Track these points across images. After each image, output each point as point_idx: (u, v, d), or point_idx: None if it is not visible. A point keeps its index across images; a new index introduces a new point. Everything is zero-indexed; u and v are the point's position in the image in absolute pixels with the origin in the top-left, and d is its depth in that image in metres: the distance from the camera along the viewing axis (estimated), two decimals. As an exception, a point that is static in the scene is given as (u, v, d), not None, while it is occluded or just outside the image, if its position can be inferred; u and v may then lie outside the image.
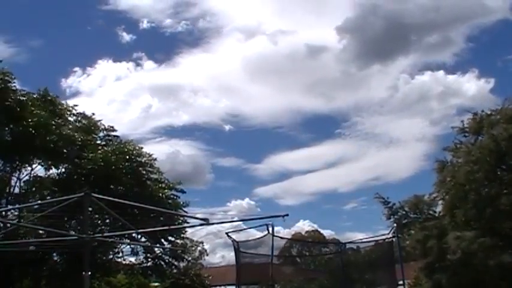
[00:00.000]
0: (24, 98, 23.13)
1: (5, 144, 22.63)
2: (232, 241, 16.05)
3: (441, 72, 64.46)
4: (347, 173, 66.86)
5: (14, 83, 23.50)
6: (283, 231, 46.86)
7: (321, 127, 73.99)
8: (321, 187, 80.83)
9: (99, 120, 26.62)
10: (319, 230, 55.66)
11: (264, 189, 68.56)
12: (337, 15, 66.91)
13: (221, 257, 47.90)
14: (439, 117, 56.63)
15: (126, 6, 69.66)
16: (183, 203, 26.92)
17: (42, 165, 25.07)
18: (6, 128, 22.99)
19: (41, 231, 21.04)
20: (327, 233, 54.24)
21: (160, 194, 25.59)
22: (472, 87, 58.84)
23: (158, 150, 51.51)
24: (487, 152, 20.48)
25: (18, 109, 22.31)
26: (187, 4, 72.55)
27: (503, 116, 21.30)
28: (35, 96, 24.05)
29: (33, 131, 21.94)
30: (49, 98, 24.52)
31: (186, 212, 25.95)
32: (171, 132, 65.30)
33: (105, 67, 62.21)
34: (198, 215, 12.51)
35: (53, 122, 22.88)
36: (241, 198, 62.32)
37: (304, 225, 56.89)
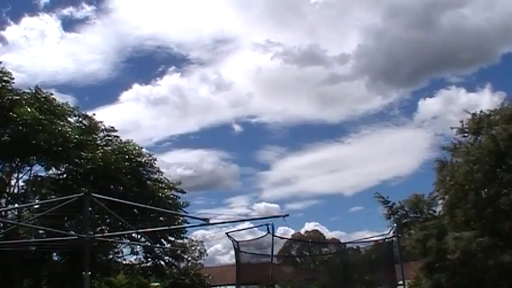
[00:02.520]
0: (18, 98, 23.10)
1: (3, 143, 22.62)
2: (232, 241, 16.05)
3: (459, 89, 64.90)
4: (353, 177, 70.88)
5: (12, 82, 23.56)
6: (292, 233, 48.40)
7: (330, 136, 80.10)
8: (327, 190, 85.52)
9: (100, 121, 26.64)
10: (319, 230, 56.35)
11: (273, 193, 70.97)
12: (360, 35, 69.26)
13: (232, 256, 48.29)
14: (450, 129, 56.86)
15: (173, 43, 76.06)
16: (183, 203, 26.97)
17: (41, 165, 25.09)
18: (5, 129, 22.97)
19: (41, 231, 21.04)
20: (335, 234, 55.02)
21: (160, 194, 25.61)
22: (486, 102, 59.21)
23: (191, 158, 61.27)
24: (486, 152, 20.46)
25: (13, 108, 22.29)
26: (225, 41, 76.59)
27: (502, 116, 21.28)
28: (29, 95, 24.01)
29: (27, 130, 21.89)
30: (43, 96, 24.46)
31: (186, 212, 26.00)
32: (203, 142, 72.91)
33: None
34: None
35: (46, 120, 22.77)
36: (258, 202, 65.76)
37: (312, 227, 58.64)
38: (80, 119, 25.97)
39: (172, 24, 69.50)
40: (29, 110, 22.24)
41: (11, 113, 22.02)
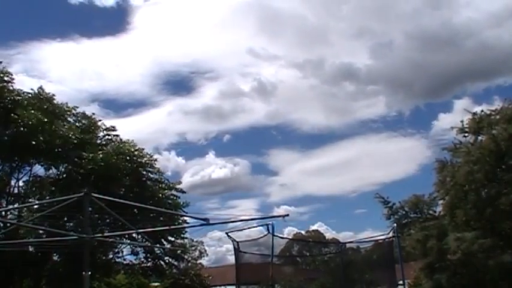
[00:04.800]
0: (20, 98, 23.08)
1: (3, 144, 22.60)
2: (232, 241, 16.04)
3: (474, 104, 65.75)
4: (358, 181, 75.60)
5: (13, 83, 23.52)
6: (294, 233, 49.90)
7: (339, 142, 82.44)
8: (333, 193, 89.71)
9: (99, 120, 26.61)
10: (326, 230, 57.10)
11: (281, 196, 73.21)
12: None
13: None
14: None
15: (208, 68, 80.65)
16: (183, 203, 26.95)
17: (41, 165, 25.08)
18: (5, 130, 22.96)
19: (41, 231, 21.04)
20: (343, 235, 56.03)
21: (160, 194, 25.60)
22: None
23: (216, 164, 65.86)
24: (487, 152, 20.45)
25: (14, 109, 22.26)
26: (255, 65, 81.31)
27: (502, 116, 21.25)
28: (30, 95, 23.99)
29: (28, 131, 21.87)
30: (44, 96, 24.45)
31: (186, 212, 25.98)
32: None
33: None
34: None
35: (47, 121, 22.74)
36: (278, 205, 66.73)
37: (320, 228, 59.96)
38: (79, 119, 25.94)
39: (207, 49, 74.18)
40: (32, 111, 22.22)
41: (12, 114, 22.01)
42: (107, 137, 26.64)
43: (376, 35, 68.16)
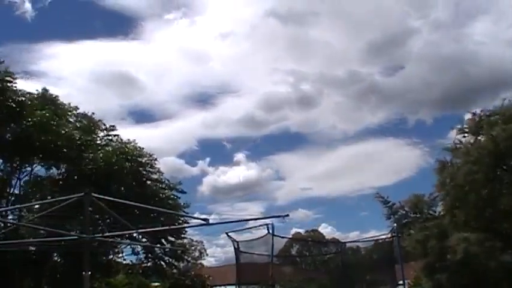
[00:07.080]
0: (24, 98, 23.11)
1: (5, 144, 22.63)
2: (232, 241, 16.06)
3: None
4: (361, 183, 75.21)
5: (15, 83, 23.53)
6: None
7: (344, 147, 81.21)
8: (337, 194, 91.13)
9: (100, 120, 26.62)
10: (323, 231, 57.29)
11: (287, 198, 76.08)
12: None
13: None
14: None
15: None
16: (184, 203, 27.00)
17: (42, 166, 25.10)
18: (8, 128, 22.99)
19: (41, 231, 21.06)
20: (351, 236, 56.70)
21: (161, 195, 25.63)
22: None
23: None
24: (486, 152, 20.43)
25: (18, 109, 22.28)
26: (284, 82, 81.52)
27: (502, 116, 21.25)
28: (35, 96, 24.03)
29: (33, 131, 21.92)
30: (49, 97, 24.50)
31: (186, 212, 26.01)
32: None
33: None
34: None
35: (53, 122, 22.82)
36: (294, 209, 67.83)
37: (325, 229, 60.52)
38: (79, 119, 25.96)
39: (235, 72, 77.19)
40: (37, 111, 22.30)
41: (16, 114, 22.08)
42: (107, 137, 26.70)
43: (394, 58, 70.69)
